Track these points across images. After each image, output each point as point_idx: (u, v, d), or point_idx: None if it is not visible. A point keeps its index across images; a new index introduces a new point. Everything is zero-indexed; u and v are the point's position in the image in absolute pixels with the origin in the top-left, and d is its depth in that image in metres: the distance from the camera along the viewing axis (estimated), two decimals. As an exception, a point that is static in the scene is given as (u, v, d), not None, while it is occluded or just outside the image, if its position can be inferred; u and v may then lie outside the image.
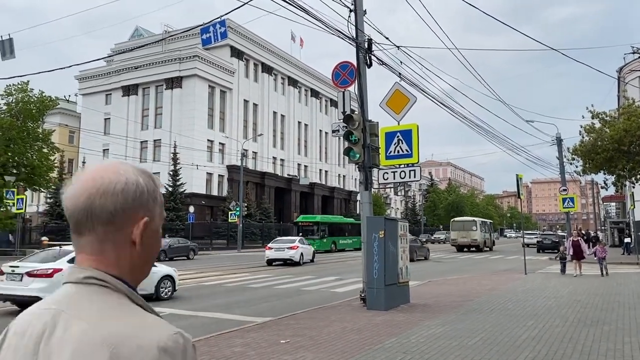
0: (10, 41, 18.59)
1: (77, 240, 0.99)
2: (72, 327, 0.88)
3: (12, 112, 32.86)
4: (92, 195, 0.96)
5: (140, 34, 63.72)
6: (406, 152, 11.19)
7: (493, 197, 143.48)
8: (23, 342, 0.92)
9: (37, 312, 0.95)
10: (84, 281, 0.95)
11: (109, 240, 0.97)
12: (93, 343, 0.85)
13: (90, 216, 0.96)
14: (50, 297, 0.96)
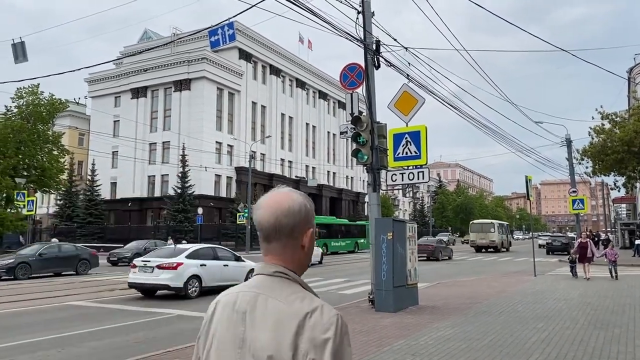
0: (22, 44, 18.73)
1: (266, 245, 1.43)
2: (270, 304, 1.32)
3: (23, 114, 33.14)
4: (278, 216, 1.39)
5: (149, 36, 64.05)
6: (415, 154, 11.17)
7: (502, 198, 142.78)
8: (233, 312, 1.36)
9: (240, 292, 1.40)
10: (273, 274, 1.38)
11: (288, 246, 1.40)
12: (287, 315, 1.29)
13: (277, 231, 1.39)
14: (248, 283, 1.42)
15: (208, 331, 1.42)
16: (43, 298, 14.04)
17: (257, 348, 1.29)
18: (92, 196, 52.58)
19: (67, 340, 8.44)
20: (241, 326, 1.33)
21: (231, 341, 1.34)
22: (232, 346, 1.33)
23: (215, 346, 1.37)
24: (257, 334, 1.30)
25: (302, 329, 1.27)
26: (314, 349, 1.24)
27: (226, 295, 1.44)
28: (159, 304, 12.65)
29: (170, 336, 8.77)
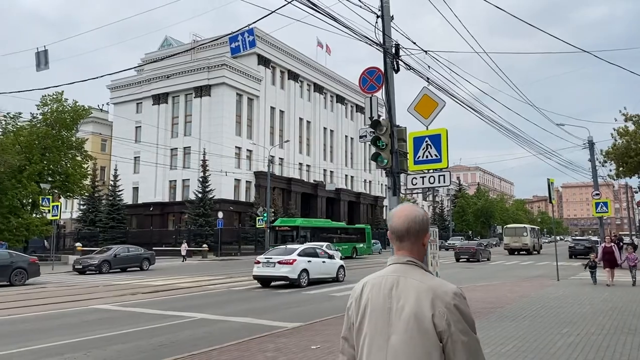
0: (45, 53, 19.18)
1: (398, 243, 2.02)
2: (408, 282, 1.91)
3: (48, 121, 33.84)
4: (409, 223, 1.99)
5: (169, 43, 64.92)
6: (435, 157, 11.09)
7: (523, 201, 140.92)
8: (380, 289, 1.95)
9: (384, 276, 1.98)
10: (406, 262, 1.98)
11: (415, 244, 2.01)
12: (423, 289, 1.87)
13: (408, 233, 1.99)
14: (387, 269, 2.00)
15: (359, 303, 2.01)
16: (67, 302, 14.30)
17: (404, 311, 1.87)
18: (114, 201, 53.35)
19: (93, 343, 8.59)
20: (388, 298, 1.92)
21: (381, 309, 1.93)
22: (382, 312, 1.92)
23: (368, 313, 1.95)
24: (402, 303, 1.89)
25: (436, 298, 1.85)
26: (447, 310, 1.83)
27: (373, 278, 2.03)
28: (182, 307, 12.79)
29: (194, 340, 8.86)
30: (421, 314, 1.83)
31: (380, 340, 1.89)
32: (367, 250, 43.13)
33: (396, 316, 1.88)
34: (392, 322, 1.88)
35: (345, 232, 43.08)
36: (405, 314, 1.86)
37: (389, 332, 1.89)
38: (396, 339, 1.87)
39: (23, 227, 31.80)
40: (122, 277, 22.83)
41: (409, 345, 1.84)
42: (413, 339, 1.84)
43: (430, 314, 1.82)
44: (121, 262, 26.83)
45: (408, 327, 1.85)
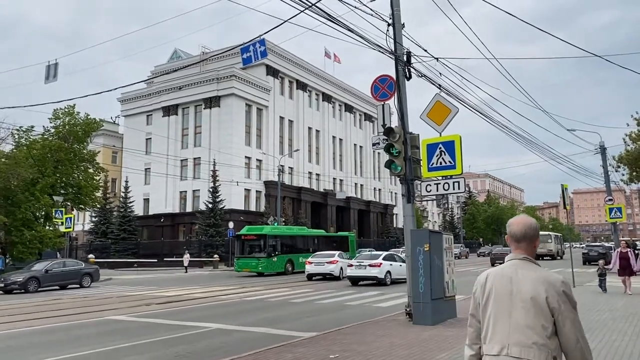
0: (55, 65, 19.45)
1: (516, 244, 2.64)
2: (525, 273, 2.54)
3: (60, 134, 34.13)
4: (526, 229, 2.62)
5: (178, 55, 65.50)
6: (449, 164, 11.05)
7: (534, 208, 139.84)
8: (502, 277, 2.57)
9: (504, 267, 2.61)
10: (523, 259, 2.61)
11: (530, 245, 2.63)
12: (537, 278, 2.51)
13: (524, 237, 2.62)
14: (506, 264, 2.62)
15: (484, 289, 2.64)
16: (82, 313, 14.33)
17: (523, 294, 2.50)
18: (125, 212, 53.60)
19: (111, 355, 8.59)
20: (509, 284, 2.55)
21: (503, 293, 2.55)
22: (504, 295, 2.55)
23: (493, 296, 2.58)
24: (520, 288, 2.52)
25: (549, 285, 2.49)
26: (557, 295, 2.47)
27: (494, 270, 2.68)
28: (197, 317, 12.77)
29: (210, 350, 8.84)
30: (537, 296, 2.47)
31: (504, 316, 2.53)
32: None
33: (516, 297, 2.51)
34: (513, 302, 2.52)
35: (324, 241, 37.43)
36: (524, 296, 2.50)
37: (510, 309, 2.52)
38: (517, 314, 2.50)
39: (36, 239, 31.95)
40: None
41: (528, 319, 2.47)
42: (530, 314, 2.47)
43: (545, 296, 2.46)
44: (54, 278, 23.26)
45: (526, 306, 2.48)
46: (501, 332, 2.51)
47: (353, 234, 42.88)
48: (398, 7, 12.17)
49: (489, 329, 2.57)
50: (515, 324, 2.48)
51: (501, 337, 2.51)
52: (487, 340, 2.58)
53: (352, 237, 40.78)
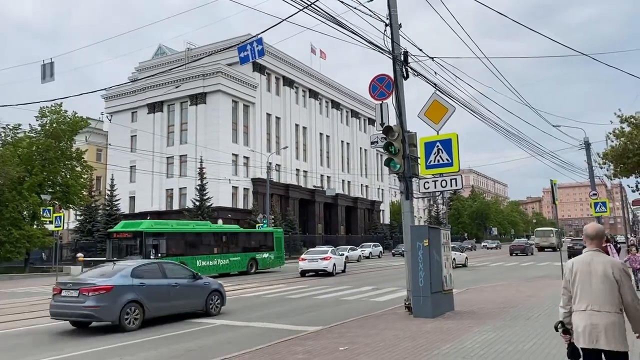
0: (51, 65, 19.35)
1: (590, 241, 4.20)
2: (598, 259, 4.10)
3: (47, 133, 33.85)
4: (597, 232, 4.21)
5: (163, 52, 65.07)
6: (447, 161, 11.37)
7: (517, 203, 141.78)
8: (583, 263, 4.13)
9: (584, 255, 4.18)
10: (595, 250, 4.18)
11: (599, 243, 4.24)
12: (607, 262, 4.09)
13: (595, 236, 4.21)
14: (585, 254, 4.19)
15: (572, 270, 4.14)
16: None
17: (598, 272, 4.00)
18: (111, 211, 53.14)
19: (121, 351, 8.74)
20: (588, 266, 4.07)
21: (585, 272, 4.06)
22: (586, 274, 4.04)
23: (578, 274, 4.08)
24: (596, 268, 4.03)
25: (613, 265, 4.03)
26: (619, 271, 4.01)
27: (576, 258, 4.19)
28: (198, 314, 12.92)
29: (220, 345, 9.03)
30: (608, 273, 3.99)
31: (586, 286, 4.05)
32: (275, 262, 32.19)
33: (594, 274, 4.03)
34: (591, 277, 4.04)
35: (238, 238, 30.51)
36: (599, 273, 4.02)
37: (590, 282, 4.03)
38: (595, 285, 4.01)
39: (25, 238, 31.75)
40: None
41: (602, 288, 3.97)
42: (604, 285, 3.97)
43: (611, 272, 3.98)
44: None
45: (600, 280, 4.00)
46: (585, 296, 4.02)
47: (280, 229, 35.91)
48: (395, 7, 12.43)
49: (577, 295, 4.08)
50: (595, 291, 3.99)
51: (586, 299, 4.01)
52: (575, 302, 4.09)
53: (279, 234, 33.70)
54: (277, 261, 32.41)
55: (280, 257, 32.84)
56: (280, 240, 33.33)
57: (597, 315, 3.93)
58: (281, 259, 33.09)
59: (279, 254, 32.75)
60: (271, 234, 33.00)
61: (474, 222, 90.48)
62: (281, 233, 34.38)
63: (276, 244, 32.58)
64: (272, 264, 31.89)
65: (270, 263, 31.70)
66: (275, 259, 32.20)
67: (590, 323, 3.95)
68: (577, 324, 4.04)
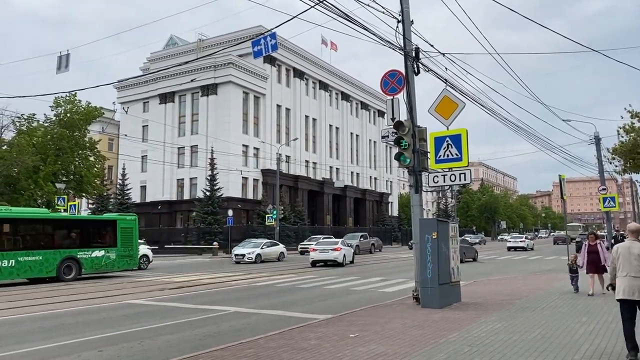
0: (67, 56, 19.77)
1: (631, 234, 6.76)
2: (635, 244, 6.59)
3: (62, 122, 34.41)
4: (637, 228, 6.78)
5: (174, 42, 65.40)
6: (456, 156, 11.62)
7: (527, 196, 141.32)
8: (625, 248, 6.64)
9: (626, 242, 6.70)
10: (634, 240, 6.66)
11: (636, 236, 6.71)
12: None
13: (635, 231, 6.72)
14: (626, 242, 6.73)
15: (617, 252, 6.65)
16: (99, 297, 14.86)
17: (634, 253, 6.48)
18: (122, 200, 53.89)
19: (141, 335, 9.14)
20: (629, 249, 6.57)
21: (626, 252, 6.56)
22: (626, 254, 6.55)
23: (621, 255, 6.60)
24: (633, 251, 6.52)
25: None
26: None
27: (621, 244, 6.70)
28: (212, 301, 13.35)
29: (235, 331, 9.42)
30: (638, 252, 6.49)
31: (626, 262, 6.49)
32: (119, 263, 23.10)
33: (632, 254, 6.47)
34: (630, 255, 6.48)
35: (42, 228, 21.52)
36: (635, 253, 6.45)
37: (630, 259, 6.46)
38: (633, 261, 6.43)
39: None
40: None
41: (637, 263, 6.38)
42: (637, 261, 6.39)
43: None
44: None
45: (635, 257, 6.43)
46: (626, 267, 6.43)
47: (132, 217, 25.54)
48: (407, 4, 12.63)
49: (619, 267, 6.52)
50: (632, 264, 6.39)
51: (626, 269, 6.44)
52: (618, 271, 6.52)
53: (128, 223, 24.23)
54: (123, 262, 23.21)
55: (128, 255, 23.51)
56: (130, 232, 23.75)
57: (633, 279, 6.35)
58: (131, 258, 23.69)
59: (127, 251, 23.38)
60: (112, 224, 23.46)
61: (482, 216, 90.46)
62: (132, 222, 24.40)
63: (121, 237, 23.23)
64: (110, 266, 22.64)
65: (107, 264, 22.44)
66: (119, 259, 22.99)
67: (628, 284, 6.37)
68: (619, 284, 6.49)
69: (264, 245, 33.00)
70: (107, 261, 22.46)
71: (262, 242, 33.64)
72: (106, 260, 22.43)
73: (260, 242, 34.04)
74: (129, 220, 24.34)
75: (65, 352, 7.91)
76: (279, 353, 7.10)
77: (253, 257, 31.10)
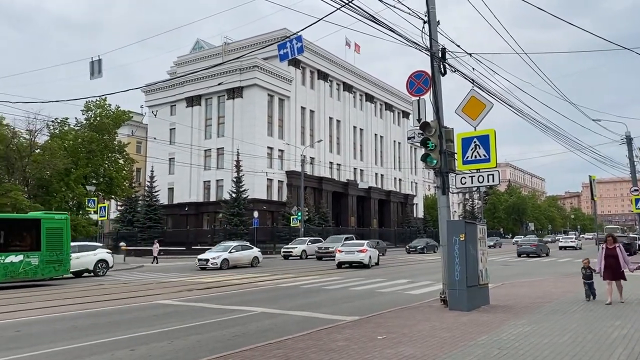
0: (99, 62, 20.21)
1: None
2: None
3: (92, 126, 35.23)
4: None
5: (200, 46, 66.26)
6: (484, 157, 11.52)
7: (555, 198, 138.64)
8: None
9: None
10: None
11: None
12: None
13: None
14: None
15: None
16: (129, 297, 15.15)
17: None
18: (151, 201, 54.85)
19: (172, 334, 9.29)
20: None
21: None
22: None
23: None
24: None
25: None
26: None
27: None
28: (239, 302, 13.49)
29: (262, 331, 9.50)
30: None
31: None
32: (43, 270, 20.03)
33: None
34: None
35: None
36: None
37: None
38: None
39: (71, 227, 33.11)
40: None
41: None
42: None
43: None
44: None
45: None
46: None
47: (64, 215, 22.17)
48: (433, 5, 12.57)
49: None
50: None
51: None
52: None
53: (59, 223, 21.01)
54: (48, 268, 20.11)
55: (56, 261, 20.33)
56: (59, 233, 20.68)
57: None
58: (60, 264, 20.51)
59: (54, 255, 20.25)
60: (34, 224, 20.27)
61: (509, 217, 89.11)
62: (62, 222, 21.12)
63: (47, 239, 20.11)
64: (32, 273, 19.61)
65: (27, 271, 19.43)
66: (43, 265, 19.90)
67: None
68: None
69: (232, 248, 28.84)
70: (26, 267, 19.30)
71: (231, 246, 29.47)
72: (26, 266, 19.27)
73: (229, 245, 30.06)
74: (58, 220, 20.91)
75: (99, 350, 8.10)
76: (308, 354, 7.14)
77: (218, 262, 26.93)
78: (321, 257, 35.76)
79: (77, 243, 25.17)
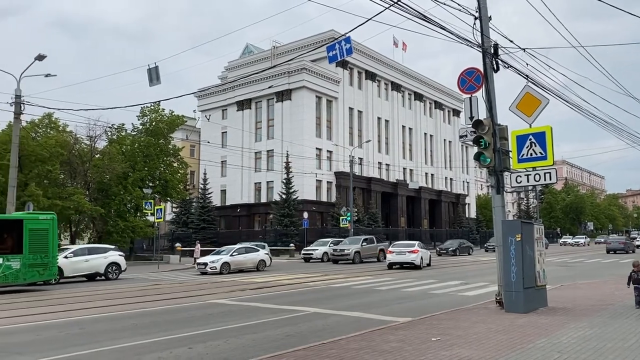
0: (156, 69, 20.90)
1: None
2: None
3: (148, 131, 36.55)
4: None
5: (250, 51, 67.42)
6: (540, 155, 11.15)
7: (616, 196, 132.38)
8: None
9: None
10: None
11: None
12: None
13: None
14: None
15: None
16: (184, 297, 15.61)
17: None
18: (204, 203, 56.26)
19: (226, 333, 9.52)
20: None
21: None
22: None
23: None
24: None
25: None
26: None
27: None
28: (292, 302, 13.65)
29: (315, 331, 9.58)
30: None
31: None
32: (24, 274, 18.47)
33: None
34: None
35: None
36: None
37: None
38: None
39: (129, 229, 34.51)
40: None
41: None
42: None
43: None
44: None
45: None
46: None
47: (50, 215, 20.21)
48: (484, 0, 12.31)
49: None
50: None
51: None
52: None
53: (44, 223, 19.34)
54: (31, 272, 18.61)
55: (40, 264, 18.79)
56: (44, 235, 19.10)
57: None
58: (45, 267, 18.94)
59: (38, 259, 18.74)
60: (15, 225, 18.83)
61: (567, 217, 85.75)
62: (47, 223, 19.42)
63: (30, 241, 18.62)
64: (13, 277, 18.16)
65: (7, 276, 17.98)
66: (26, 269, 18.41)
67: None
68: None
69: (234, 251, 26.60)
70: (6, 272, 17.87)
71: (233, 249, 27.29)
72: (5, 270, 17.83)
73: (231, 247, 27.95)
74: (42, 221, 19.26)
75: (159, 347, 8.40)
76: (361, 354, 7.14)
77: (217, 267, 24.99)
78: (337, 260, 33.07)
79: (87, 245, 26.21)
